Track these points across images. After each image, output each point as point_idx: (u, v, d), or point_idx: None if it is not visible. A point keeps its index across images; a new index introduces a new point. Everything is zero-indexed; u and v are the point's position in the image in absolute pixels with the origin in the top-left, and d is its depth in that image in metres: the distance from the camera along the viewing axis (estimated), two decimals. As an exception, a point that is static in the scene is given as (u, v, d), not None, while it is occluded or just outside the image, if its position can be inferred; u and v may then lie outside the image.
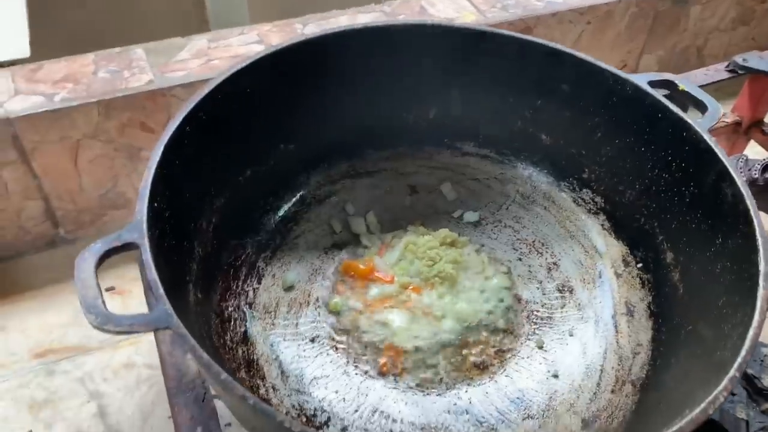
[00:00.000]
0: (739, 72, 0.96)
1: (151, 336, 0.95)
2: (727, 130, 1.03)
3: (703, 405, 0.39)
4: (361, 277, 0.68)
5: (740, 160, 0.88)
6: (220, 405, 0.65)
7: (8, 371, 0.89)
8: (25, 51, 1.02)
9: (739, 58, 0.96)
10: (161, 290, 0.42)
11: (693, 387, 0.48)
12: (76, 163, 0.96)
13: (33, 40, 1.04)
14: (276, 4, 1.63)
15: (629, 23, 1.23)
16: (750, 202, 0.51)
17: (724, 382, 0.41)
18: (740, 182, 0.53)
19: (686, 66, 1.35)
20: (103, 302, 0.42)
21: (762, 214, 0.95)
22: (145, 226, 0.46)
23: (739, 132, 1.04)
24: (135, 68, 0.99)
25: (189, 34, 1.09)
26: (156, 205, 0.49)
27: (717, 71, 0.96)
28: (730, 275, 0.52)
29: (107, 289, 0.99)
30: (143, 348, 0.93)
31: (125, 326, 0.40)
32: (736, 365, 0.42)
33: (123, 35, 1.16)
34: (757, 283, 0.46)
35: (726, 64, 0.97)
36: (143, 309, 0.98)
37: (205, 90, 0.57)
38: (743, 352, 0.42)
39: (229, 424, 0.79)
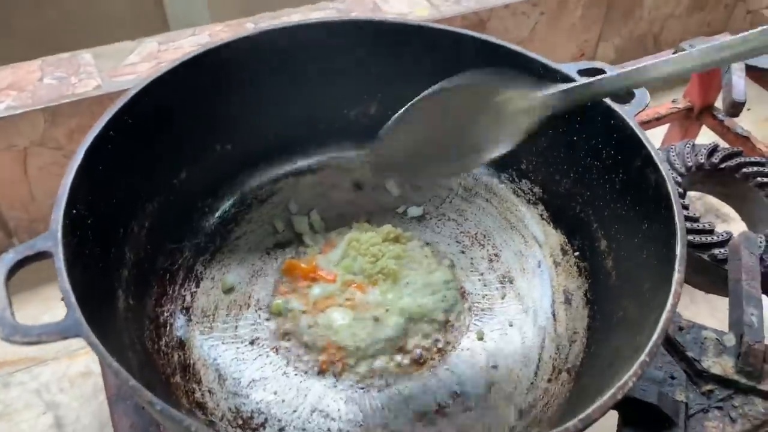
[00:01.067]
0: (686, 58, 0.96)
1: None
2: (679, 116, 1.04)
3: (612, 389, 0.40)
4: (303, 277, 0.68)
5: (687, 145, 0.88)
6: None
7: (-38, 384, 0.88)
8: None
9: (686, 44, 0.96)
10: (72, 298, 0.41)
11: (619, 372, 0.48)
12: (26, 171, 0.95)
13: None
14: (236, 4, 1.62)
15: (584, 12, 1.24)
16: (671, 186, 0.52)
17: (634, 366, 0.41)
18: (663, 167, 0.53)
19: (644, 53, 1.36)
20: (12, 313, 0.42)
21: (708, 197, 0.97)
22: (59, 234, 0.45)
23: (691, 117, 1.05)
24: (83, 74, 0.98)
25: (150, 32, 1.08)
26: (75, 211, 0.49)
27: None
28: (654, 260, 0.52)
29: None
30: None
31: (33, 336, 0.40)
32: (647, 349, 0.42)
33: (81, 40, 1.15)
34: (673, 268, 0.47)
35: (673, 50, 0.97)
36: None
37: (130, 93, 0.57)
38: (654, 337, 0.42)
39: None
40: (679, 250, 0.47)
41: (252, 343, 0.63)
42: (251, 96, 0.70)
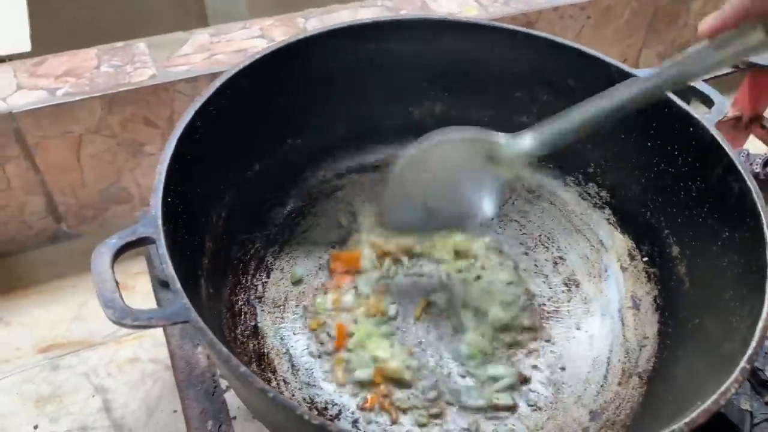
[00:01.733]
0: (740, 66, 0.96)
1: (154, 331, 0.95)
2: (727, 125, 1.04)
3: (714, 396, 0.40)
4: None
5: (741, 154, 0.89)
6: (229, 398, 0.65)
7: (13, 366, 0.89)
8: (26, 45, 1.01)
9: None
10: (178, 285, 0.42)
11: (701, 379, 0.48)
12: (79, 158, 0.96)
13: (33, 35, 1.03)
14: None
15: (629, 18, 1.24)
16: (757, 195, 0.52)
17: (735, 373, 0.41)
18: (747, 176, 0.53)
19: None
20: (121, 296, 0.43)
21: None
22: (160, 220, 0.46)
23: (740, 127, 1.04)
24: (138, 63, 0.98)
25: (187, 28, 1.09)
26: (170, 199, 0.49)
27: (718, 66, 0.96)
28: (738, 268, 0.52)
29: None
30: (147, 343, 0.93)
31: (144, 320, 0.41)
32: (746, 357, 0.42)
33: (122, 30, 1.15)
34: (765, 276, 0.47)
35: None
36: (147, 304, 0.98)
37: (216, 84, 0.57)
38: (753, 344, 0.43)
39: (235, 418, 0.79)
40: (771, 258, 0.47)
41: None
42: (322, 92, 0.70)
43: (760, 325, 0.44)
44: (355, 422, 0.58)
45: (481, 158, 0.59)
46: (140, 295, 0.96)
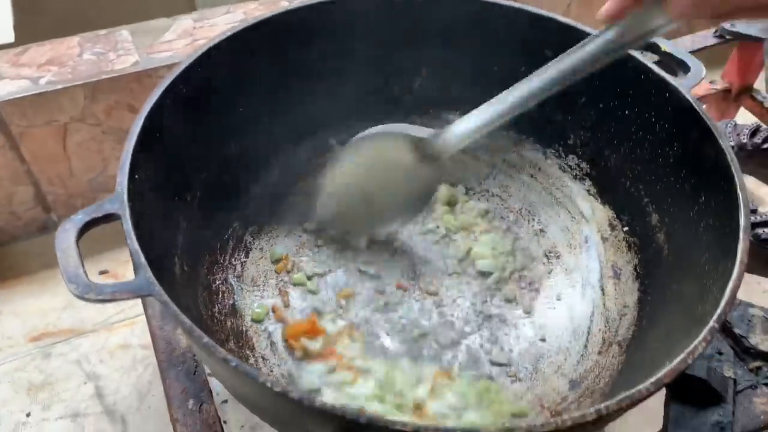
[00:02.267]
0: (727, 37, 0.95)
1: (145, 318, 0.95)
2: (716, 97, 1.03)
3: (682, 355, 0.40)
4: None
5: (728, 125, 0.88)
6: (216, 382, 0.66)
7: (5, 355, 0.89)
8: (9, 36, 1.01)
9: (726, 23, 0.95)
10: (142, 258, 0.42)
11: (675, 343, 0.48)
12: (65, 147, 0.96)
13: (17, 26, 1.03)
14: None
15: (617, -6, 1.22)
16: (731, 158, 0.51)
17: (704, 332, 0.41)
18: (721, 140, 0.53)
19: (676, 34, 1.34)
20: (85, 272, 0.43)
21: (750, 178, 0.96)
22: (125, 196, 0.46)
23: (729, 99, 1.03)
24: (120, 50, 0.98)
25: (176, 14, 1.09)
26: (137, 176, 0.49)
27: (705, 37, 0.95)
28: (713, 232, 0.52)
29: (101, 273, 1.00)
30: (138, 329, 0.94)
31: (107, 294, 0.41)
32: (715, 316, 0.42)
33: (109, 18, 1.15)
34: (737, 238, 0.46)
35: (714, 30, 0.96)
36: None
37: (185, 63, 0.57)
38: (722, 303, 0.42)
39: (226, 401, 0.79)
40: (743, 220, 0.47)
41: (301, 312, 0.63)
42: (298, 69, 0.70)
43: (730, 285, 0.43)
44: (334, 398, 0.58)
45: (410, 154, 0.62)
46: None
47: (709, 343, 0.41)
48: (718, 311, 0.42)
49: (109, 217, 0.45)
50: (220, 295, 0.61)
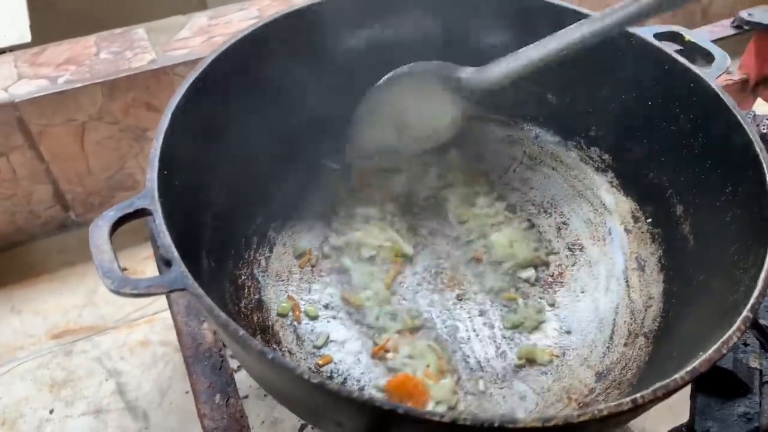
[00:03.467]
0: (745, 27, 0.95)
1: (165, 314, 0.96)
2: (734, 88, 1.02)
3: (716, 345, 0.40)
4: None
5: (747, 115, 0.87)
6: (238, 378, 0.66)
7: (27, 352, 0.90)
8: (26, 36, 1.02)
9: (744, 13, 0.95)
10: (176, 253, 0.42)
11: (705, 334, 0.48)
12: (83, 145, 0.97)
13: (33, 25, 1.04)
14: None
15: (632, -16, 1.22)
16: (759, 147, 0.51)
17: (738, 322, 0.41)
18: (749, 129, 0.52)
19: (691, 26, 1.33)
20: (119, 267, 0.43)
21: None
22: (156, 192, 0.46)
23: (746, 90, 1.03)
24: (137, 48, 0.99)
25: (187, 12, 1.09)
26: (166, 172, 0.49)
27: (722, 27, 0.95)
28: (741, 221, 0.52)
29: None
30: (158, 326, 0.94)
31: (142, 289, 0.41)
32: (749, 305, 0.42)
33: (122, 17, 1.15)
34: (768, 226, 0.46)
35: (731, 20, 0.96)
36: (156, 287, 0.99)
37: (209, 58, 0.57)
38: (756, 292, 0.42)
39: (247, 397, 0.80)
40: (774, 208, 0.47)
41: (326, 306, 0.63)
42: (319, 63, 0.70)
43: (763, 274, 0.43)
44: (361, 390, 0.58)
45: (444, 87, 0.66)
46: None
47: (744, 332, 0.41)
48: (752, 300, 0.42)
49: (141, 213, 0.46)
50: (246, 290, 0.62)
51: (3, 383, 0.86)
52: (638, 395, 0.37)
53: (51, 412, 0.84)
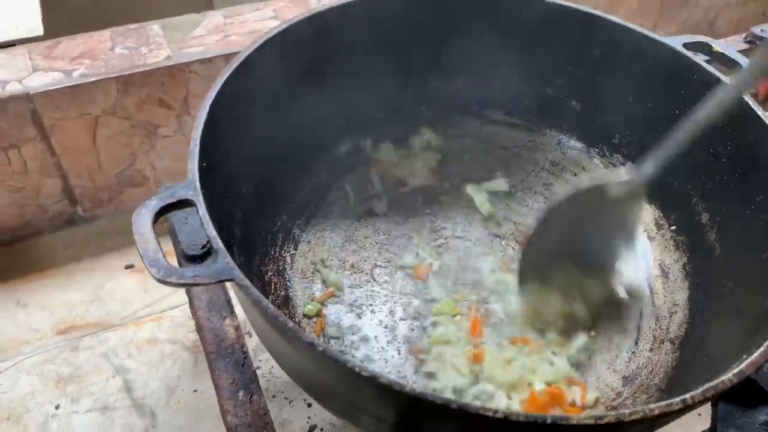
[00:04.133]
0: (757, 43, 0.96)
1: (173, 312, 0.95)
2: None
3: (763, 347, 0.40)
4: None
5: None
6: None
7: (33, 347, 0.89)
8: (38, 29, 1.01)
9: (757, 29, 0.96)
10: (221, 244, 0.42)
11: (735, 341, 0.48)
12: (95, 140, 0.96)
13: (44, 19, 1.03)
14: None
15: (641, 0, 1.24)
16: (790, 156, 0.52)
17: (783, 326, 0.41)
18: (781, 138, 0.53)
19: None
20: (164, 255, 0.42)
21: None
22: (198, 183, 0.46)
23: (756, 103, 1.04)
24: (152, 44, 0.98)
25: (194, 11, 1.09)
26: (205, 164, 0.49)
27: (735, 42, 0.96)
28: (773, 229, 0.53)
29: (126, 267, 0.99)
30: (165, 324, 0.93)
31: (188, 279, 0.40)
32: (792, 310, 0.42)
33: (128, 17, 1.15)
34: (804, 233, 0.47)
35: (744, 35, 0.97)
36: (164, 287, 0.98)
37: (245, 52, 0.57)
38: (798, 298, 0.43)
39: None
40: (809, 216, 0.48)
41: (351, 305, 0.63)
42: (344, 66, 0.70)
43: (803, 279, 0.44)
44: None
45: (605, 201, 0.61)
46: (158, 277, 0.97)
47: (788, 336, 0.41)
48: (794, 305, 0.42)
49: (184, 203, 0.45)
50: (273, 287, 0.61)
51: (8, 378, 0.84)
52: (688, 395, 0.37)
53: (57, 407, 0.82)
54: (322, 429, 0.81)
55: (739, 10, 1.36)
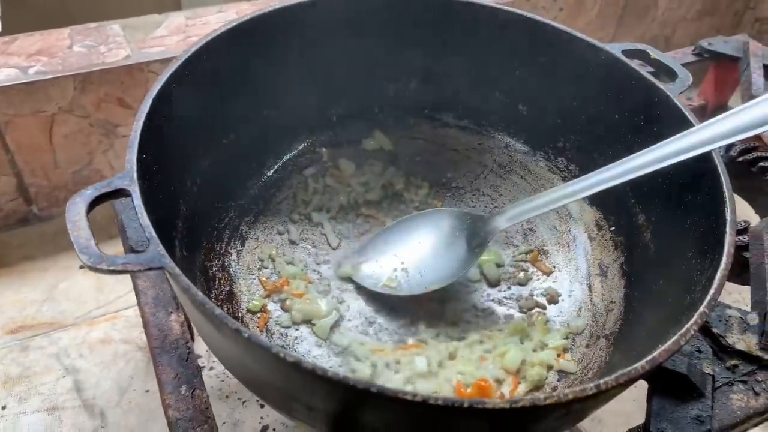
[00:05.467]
0: (705, 55, 1.00)
1: (128, 312, 0.94)
2: (693, 113, 1.07)
3: (675, 336, 0.42)
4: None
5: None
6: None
7: (-20, 346, 0.88)
8: (-4, 26, 1.00)
9: (704, 42, 1.00)
10: (153, 232, 0.42)
11: (664, 332, 0.50)
12: (51, 138, 0.95)
13: (4, 17, 1.02)
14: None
15: (600, 11, 1.27)
16: (717, 159, 0.54)
17: (695, 316, 0.43)
18: (708, 142, 0.55)
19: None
20: (96, 244, 0.43)
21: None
22: (135, 173, 0.46)
23: (705, 115, 1.08)
24: (111, 43, 0.98)
25: (161, 12, 1.09)
26: (144, 156, 0.50)
27: (684, 54, 0.99)
28: (699, 228, 0.54)
29: (81, 267, 0.99)
30: (120, 324, 0.93)
31: (119, 265, 0.41)
32: (705, 302, 0.44)
33: (94, 15, 1.15)
34: (724, 231, 0.49)
35: (693, 48, 1.01)
36: (121, 286, 0.97)
37: (192, 49, 0.58)
38: (712, 291, 0.45)
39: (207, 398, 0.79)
40: (729, 215, 0.50)
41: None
42: (296, 65, 0.71)
43: (719, 274, 0.46)
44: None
45: (460, 229, 0.67)
46: (114, 276, 0.96)
47: (700, 326, 0.43)
48: (708, 298, 0.44)
49: (119, 193, 0.46)
50: (217, 282, 0.62)
51: (-46, 377, 0.83)
52: (601, 381, 0.39)
53: (3, 408, 0.81)
54: (274, 429, 0.81)
55: (695, 25, 1.40)
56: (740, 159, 0.89)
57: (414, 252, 0.68)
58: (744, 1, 1.41)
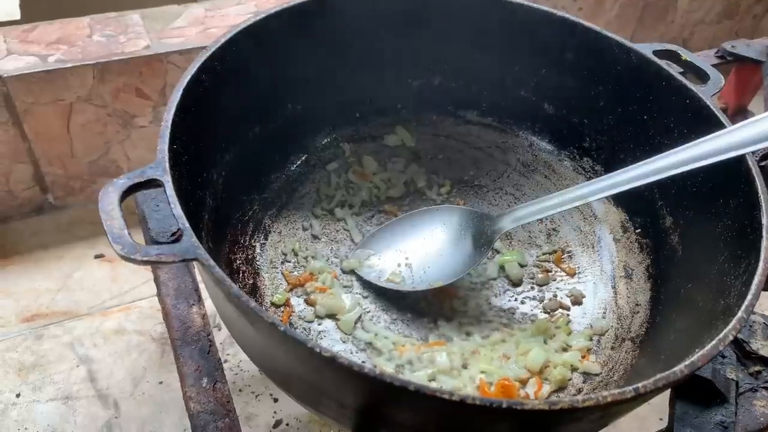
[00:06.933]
0: (728, 58, 0.99)
1: (142, 303, 0.94)
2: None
3: (713, 341, 0.41)
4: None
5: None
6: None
7: (-5, 334, 0.87)
8: (15, 13, 1.00)
9: (727, 45, 0.99)
10: (187, 224, 0.42)
11: (692, 339, 0.49)
12: (69, 127, 0.95)
13: (23, 5, 1.02)
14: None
15: (619, 12, 1.26)
16: (752, 161, 0.53)
17: (734, 321, 0.42)
18: (742, 144, 0.54)
19: (672, 57, 1.39)
20: (129, 234, 0.42)
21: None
22: (167, 163, 0.46)
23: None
24: (131, 33, 0.98)
25: (180, 2, 1.09)
26: (175, 146, 0.49)
27: (707, 57, 0.99)
28: (731, 232, 0.54)
29: (96, 257, 0.98)
30: (134, 315, 0.92)
31: (152, 256, 0.40)
32: (743, 307, 0.43)
33: (113, 4, 1.14)
34: (760, 235, 0.48)
35: (716, 50, 1.00)
36: (135, 277, 0.97)
37: (221, 40, 0.57)
38: (750, 296, 0.44)
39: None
40: (765, 220, 0.49)
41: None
42: (321, 59, 0.70)
43: (756, 279, 0.45)
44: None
45: (466, 227, 0.67)
46: (127, 267, 0.96)
47: (739, 331, 0.42)
48: (746, 302, 0.43)
49: (151, 183, 0.45)
50: (241, 275, 0.61)
51: (-31, 364, 0.83)
52: (640, 384, 0.38)
53: (18, 395, 0.81)
54: (287, 424, 0.81)
55: (713, 28, 1.39)
56: (763, 164, 0.88)
57: (419, 248, 0.68)
58: (764, 5, 1.39)
